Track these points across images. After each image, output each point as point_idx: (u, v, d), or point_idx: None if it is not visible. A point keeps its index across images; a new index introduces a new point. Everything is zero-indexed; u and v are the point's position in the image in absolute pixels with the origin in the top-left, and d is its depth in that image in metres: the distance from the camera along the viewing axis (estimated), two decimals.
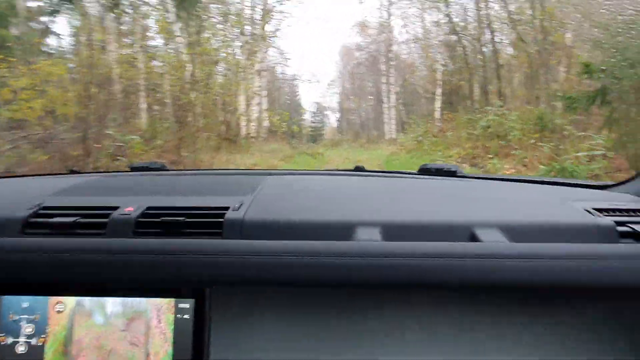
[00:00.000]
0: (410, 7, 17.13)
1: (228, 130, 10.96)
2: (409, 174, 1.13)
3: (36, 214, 0.71)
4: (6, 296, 0.55)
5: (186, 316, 0.55)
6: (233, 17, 12.69)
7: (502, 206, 0.80)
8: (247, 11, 13.66)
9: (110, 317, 0.55)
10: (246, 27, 13.12)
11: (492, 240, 0.64)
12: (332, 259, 0.53)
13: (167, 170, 1.15)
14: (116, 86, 8.18)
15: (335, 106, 32.92)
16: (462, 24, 13.06)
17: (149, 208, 0.71)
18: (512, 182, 1.04)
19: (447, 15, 11.99)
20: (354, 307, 0.64)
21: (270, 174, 1.01)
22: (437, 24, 14.54)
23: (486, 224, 0.68)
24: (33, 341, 0.55)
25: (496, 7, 11.67)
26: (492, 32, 10.66)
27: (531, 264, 0.53)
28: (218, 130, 10.45)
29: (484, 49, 11.26)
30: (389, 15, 16.41)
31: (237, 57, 12.87)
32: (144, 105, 9.86)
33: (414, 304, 0.64)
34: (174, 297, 0.55)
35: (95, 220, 0.69)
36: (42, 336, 0.55)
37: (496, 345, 0.63)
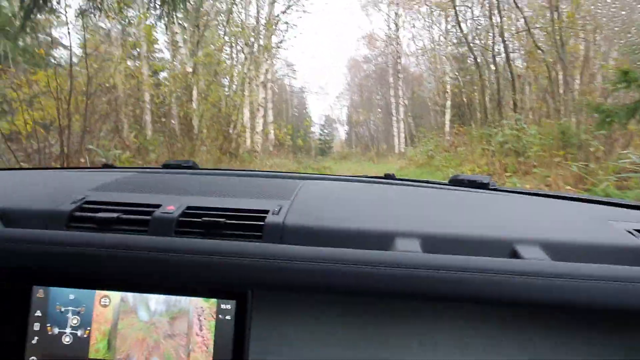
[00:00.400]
0: (417, 20, 16.76)
1: (229, 143, 10.50)
2: (440, 184, 1.14)
3: (80, 208, 0.73)
4: (53, 287, 0.57)
5: (227, 317, 0.56)
6: (238, 28, 12.41)
7: (541, 223, 0.81)
8: (252, 21, 13.41)
9: (153, 314, 0.57)
10: (251, 38, 12.85)
11: (534, 258, 0.65)
12: (374, 267, 0.55)
13: (199, 169, 1.17)
14: (109, 96, 7.86)
15: (344, 119, 32.73)
16: (473, 33, 12.45)
17: (189, 207, 0.73)
18: (548, 198, 1.04)
19: (457, 23, 11.28)
20: (391, 317, 0.66)
21: (304, 178, 1.04)
22: (445, 34, 14.21)
23: (527, 241, 0.68)
24: (79, 333, 0.56)
25: (512, 15, 11.03)
26: (504, 41, 9.95)
27: (575, 284, 0.54)
28: (219, 143, 10.07)
29: (497, 59, 10.57)
30: (397, 27, 16.09)
31: (240, 68, 12.56)
32: (147, 117, 9.58)
33: (450, 317, 0.65)
34: (216, 298, 0.57)
35: (138, 217, 0.71)
36: (87, 328, 0.56)
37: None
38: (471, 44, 11.18)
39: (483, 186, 1.06)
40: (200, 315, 0.56)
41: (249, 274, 0.54)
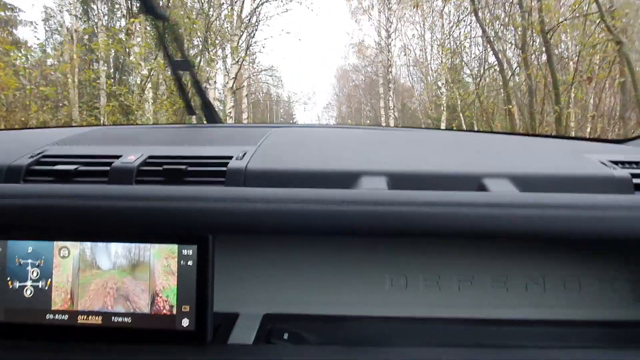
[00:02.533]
0: (411, 26, 17.03)
1: None
2: (417, 128, 1.20)
3: (38, 162, 0.74)
4: (11, 241, 0.58)
5: (189, 262, 0.57)
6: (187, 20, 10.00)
7: (513, 158, 0.82)
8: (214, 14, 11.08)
9: (114, 263, 0.58)
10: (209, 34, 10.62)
11: (502, 190, 0.66)
12: (336, 206, 0.55)
13: (166, 124, 1.19)
14: None
15: None
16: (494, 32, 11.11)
17: (150, 157, 0.74)
18: (525, 137, 1.07)
19: (478, 20, 9.92)
20: (357, 256, 0.69)
21: (276, 127, 1.04)
22: (443, 42, 14.41)
23: (495, 175, 0.69)
24: (40, 285, 0.58)
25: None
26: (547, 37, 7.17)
27: (541, 213, 0.54)
28: None
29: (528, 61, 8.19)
30: (388, 34, 16.34)
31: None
32: None
33: (422, 254, 0.68)
34: (177, 244, 0.58)
35: (97, 169, 0.72)
36: (48, 280, 0.58)
37: (500, 296, 0.69)
38: (494, 44, 9.68)
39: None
40: (161, 262, 0.58)
41: (208, 217, 0.55)
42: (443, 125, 14.29)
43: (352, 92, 26.14)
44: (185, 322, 0.57)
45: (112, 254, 0.58)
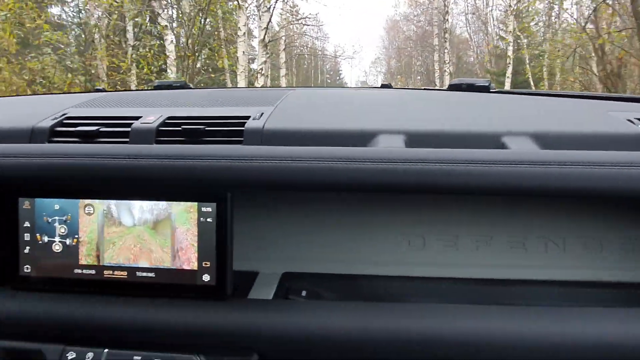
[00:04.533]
0: None
1: None
2: (439, 90, 1.18)
3: (61, 124, 0.79)
4: (38, 199, 0.63)
5: (209, 219, 0.60)
6: None
7: (535, 117, 0.81)
8: None
9: (137, 219, 0.62)
10: None
11: (520, 148, 0.65)
12: (352, 163, 0.56)
13: (190, 88, 1.22)
14: None
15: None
16: None
17: (169, 118, 0.78)
18: (547, 97, 1.05)
19: None
20: (375, 214, 0.71)
21: (293, 89, 1.06)
22: None
23: (516, 133, 0.69)
24: (67, 241, 0.63)
25: None
26: None
27: (561, 170, 0.54)
28: None
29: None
30: None
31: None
32: None
33: (439, 212, 0.70)
34: (197, 201, 0.60)
35: (118, 130, 0.76)
36: (75, 237, 0.63)
37: (519, 256, 0.69)
38: None
39: (483, 89, 1.06)
40: (182, 219, 0.61)
41: (227, 174, 0.57)
42: (507, 82, 13.46)
43: (402, 44, 25.22)
44: (206, 277, 0.60)
45: (135, 212, 0.62)
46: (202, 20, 9.71)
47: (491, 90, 1.06)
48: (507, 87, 13.43)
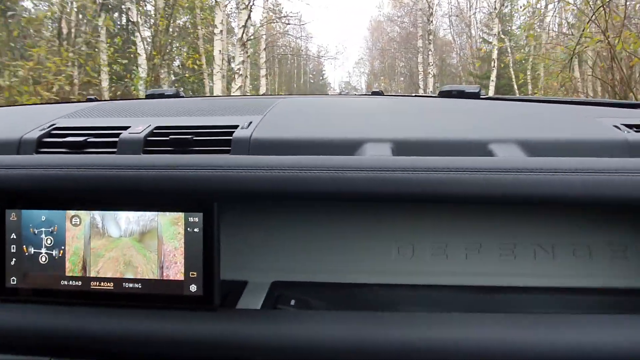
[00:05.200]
0: None
1: None
2: (429, 96, 1.21)
3: (49, 134, 0.79)
4: (25, 210, 0.63)
5: (196, 229, 0.61)
6: None
7: (521, 123, 0.83)
8: None
9: (124, 230, 0.63)
10: None
11: (509, 156, 0.66)
12: (338, 172, 0.56)
13: (183, 97, 1.23)
14: None
15: (363, 88, 32.39)
16: None
17: (157, 127, 0.78)
18: (537, 103, 1.07)
19: None
20: (364, 222, 0.72)
21: (283, 97, 1.08)
22: None
23: (503, 140, 0.70)
24: (54, 252, 0.63)
25: None
26: None
27: (549, 177, 0.54)
28: None
29: None
30: None
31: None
32: None
33: (428, 221, 0.70)
34: (183, 211, 0.61)
35: (106, 140, 0.76)
36: (61, 248, 0.63)
37: (509, 264, 0.70)
38: None
39: (473, 96, 1.08)
40: (169, 229, 0.61)
41: (213, 184, 0.58)
42: (492, 85, 13.58)
43: (386, 45, 25.40)
44: (193, 288, 0.61)
45: (121, 222, 0.62)
46: (168, 16, 9.57)
47: (481, 96, 1.09)
48: (492, 90, 13.59)
